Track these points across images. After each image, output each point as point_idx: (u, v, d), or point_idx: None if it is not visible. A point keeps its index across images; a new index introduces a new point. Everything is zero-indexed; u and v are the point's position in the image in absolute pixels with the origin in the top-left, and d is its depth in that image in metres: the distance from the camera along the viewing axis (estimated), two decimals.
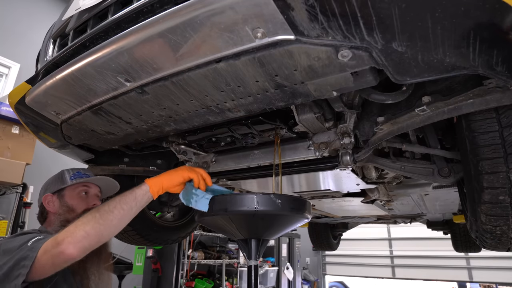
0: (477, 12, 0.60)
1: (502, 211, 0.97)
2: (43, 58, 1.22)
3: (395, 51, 0.70)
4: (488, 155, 0.92)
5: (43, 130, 1.40)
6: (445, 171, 1.24)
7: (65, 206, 1.24)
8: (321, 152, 1.35)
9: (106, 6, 0.96)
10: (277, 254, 6.34)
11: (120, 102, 1.06)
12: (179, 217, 2.30)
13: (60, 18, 1.21)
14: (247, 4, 0.67)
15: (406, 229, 7.93)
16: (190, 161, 1.67)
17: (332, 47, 0.73)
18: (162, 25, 0.76)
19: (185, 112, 1.09)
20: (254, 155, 1.53)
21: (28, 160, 3.20)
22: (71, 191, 1.27)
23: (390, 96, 1.00)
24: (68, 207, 1.24)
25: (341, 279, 9.39)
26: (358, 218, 3.37)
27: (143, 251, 4.37)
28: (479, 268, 7.26)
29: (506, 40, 0.63)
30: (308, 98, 0.94)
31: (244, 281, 5.22)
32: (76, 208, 1.24)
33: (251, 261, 1.13)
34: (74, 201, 1.25)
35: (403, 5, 0.61)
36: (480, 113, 0.92)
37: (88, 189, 1.31)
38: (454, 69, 0.72)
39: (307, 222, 1.21)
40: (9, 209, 3.22)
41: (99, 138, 1.36)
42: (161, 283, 4.17)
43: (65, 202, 1.25)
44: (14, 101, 1.24)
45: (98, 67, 0.92)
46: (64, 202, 1.24)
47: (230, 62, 0.82)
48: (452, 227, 3.75)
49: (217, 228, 1.23)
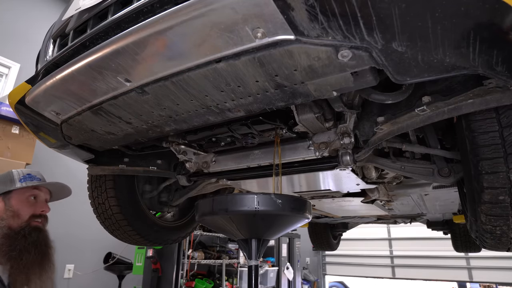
0: (477, 12, 0.60)
1: (502, 211, 0.97)
2: (43, 58, 1.22)
3: (395, 51, 0.70)
4: (488, 155, 0.92)
5: (43, 130, 1.40)
6: (445, 171, 1.24)
7: (10, 211, 1.14)
8: (321, 152, 1.35)
9: (106, 6, 0.96)
10: (277, 254, 6.34)
11: (120, 102, 1.06)
12: (179, 217, 2.30)
13: (60, 18, 1.21)
14: (247, 4, 0.67)
15: (406, 229, 7.93)
16: (190, 161, 1.67)
17: (332, 47, 0.73)
18: (162, 25, 0.76)
19: (185, 112, 1.09)
20: (254, 155, 1.53)
21: (28, 160, 3.20)
22: (19, 195, 1.18)
23: (390, 96, 1.01)
24: (14, 212, 1.14)
25: (341, 279, 9.39)
26: (358, 218, 3.37)
27: (143, 251, 4.36)
28: (479, 268, 7.26)
29: (506, 40, 0.63)
30: (308, 98, 0.94)
31: (244, 281, 5.22)
32: (22, 214, 1.16)
33: (251, 261, 1.13)
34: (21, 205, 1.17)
35: (403, 5, 0.61)
36: (480, 113, 0.92)
37: (37, 193, 1.22)
38: (454, 69, 0.72)
39: (307, 222, 1.21)
40: None
41: (99, 138, 1.36)
42: (161, 283, 4.17)
43: (11, 205, 1.15)
44: (14, 101, 1.24)
45: (98, 67, 0.92)
46: (10, 206, 1.15)
47: (230, 62, 0.82)
48: (452, 227, 3.75)
49: (217, 228, 1.23)
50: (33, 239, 1.14)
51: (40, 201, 1.23)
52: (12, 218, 1.14)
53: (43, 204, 1.24)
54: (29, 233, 1.15)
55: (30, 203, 1.20)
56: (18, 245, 1.10)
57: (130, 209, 1.86)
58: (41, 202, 1.24)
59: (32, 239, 1.14)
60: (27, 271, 1.09)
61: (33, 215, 1.18)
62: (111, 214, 1.81)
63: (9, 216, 1.14)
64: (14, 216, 1.15)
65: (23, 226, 1.15)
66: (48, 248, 1.21)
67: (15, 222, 1.14)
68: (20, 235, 1.12)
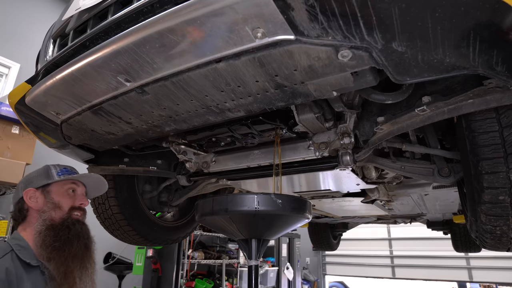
0: (477, 12, 0.60)
1: (502, 211, 0.97)
2: (43, 58, 1.22)
3: (395, 51, 0.70)
4: (488, 155, 0.92)
5: (43, 130, 1.40)
6: (445, 171, 1.24)
7: (51, 203, 1.15)
8: (321, 152, 1.35)
9: (106, 6, 0.96)
10: (277, 254, 6.34)
11: (120, 102, 1.06)
12: (179, 217, 2.31)
13: (60, 18, 1.21)
14: (247, 4, 0.67)
15: (406, 229, 7.92)
16: (190, 161, 1.67)
17: (332, 47, 0.73)
18: (162, 25, 0.76)
19: (185, 112, 1.09)
20: (254, 155, 1.53)
21: (28, 160, 3.20)
22: (58, 187, 1.19)
23: (390, 96, 1.00)
24: (55, 204, 1.15)
25: (341, 279, 9.39)
26: (358, 218, 3.37)
27: (143, 251, 4.36)
28: (479, 268, 7.26)
29: (506, 40, 0.63)
30: (308, 98, 0.94)
31: (244, 281, 5.21)
32: (63, 206, 1.17)
33: (251, 261, 1.13)
34: (61, 197, 1.17)
35: (403, 5, 0.61)
36: (480, 113, 0.92)
37: (76, 187, 1.24)
38: (454, 69, 0.72)
39: (307, 222, 1.21)
40: (9, 209, 3.22)
41: (99, 138, 1.36)
42: (161, 283, 4.17)
43: (51, 198, 1.16)
44: (14, 101, 1.24)
45: (98, 67, 0.92)
46: (50, 199, 1.16)
47: (230, 62, 0.82)
48: (452, 227, 3.75)
49: (217, 228, 1.23)
50: (76, 231, 1.15)
51: (78, 194, 1.24)
52: (53, 211, 1.15)
53: (82, 197, 1.25)
54: (72, 224, 1.16)
55: (70, 195, 1.21)
56: (62, 236, 1.11)
57: (130, 209, 1.86)
58: (79, 195, 1.24)
59: (76, 231, 1.15)
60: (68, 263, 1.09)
61: (72, 207, 1.19)
62: (111, 214, 1.81)
63: (50, 208, 1.15)
64: (55, 208, 1.16)
65: (65, 217, 1.16)
66: (90, 242, 1.22)
67: (56, 214, 1.15)
68: (64, 226, 1.13)
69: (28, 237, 1.11)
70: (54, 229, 1.11)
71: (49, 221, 1.12)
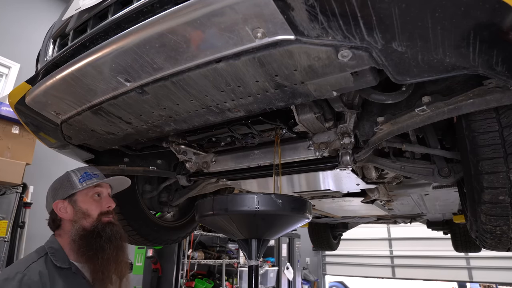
0: (477, 12, 0.60)
1: (502, 211, 0.97)
2: (43, 58, 1.22)
3: (395, 51, 0.70)
4: (488, 155, 0.92)
5: (43, 130, 1.40)
6: (445, 171, 1.24)
7: (80, 212, 1.16)
8: (321, 152, 1.35)
9: (106, 6, 0.96)
10: (277, 254, 6.34)
11: (120, 102, 1.06)
12: (179, 217, 2.31)
13: (60, 18, 1.21)
14: (247, 4, 0.67)
15: (406, 229, 7.92)
16: (190, 161, 1.67)
17: (332, 47, 0.73)
18: (162, 25, 0.76)
19: (185, 112, 1.09)
20: (254, 155, 1.53)
21: (28, 160, 3.20)
22: (83, 196, 1.19)
23: (390, 96, 1.00)
24: (84, 213, 1.16)
25: (341, 279, 9.39)
26: (358, 218, 3.37)
27: (143, 251, 4.37)
28: (479, 268, 7.26)
29: (506, 40, 0.63)
30: (308, 98, 0.94)
31: (244, 281, 5.21)
32: (92, 213, 1.17)
33: (251, 261, 1.13)
34: (89, 205, 1.18)
35: (403, 5, 0.61)
36: (480, 113, 0.92)
37: (100, 191, 1.23)
38: (454, 69, 0.72)
39: (307, 222, 1.21)
40: (9, 209, 3.22)
41: (99, 138, 1.36)
42: (161, 283, 4.17)
43: (79, 208, 1.17)
44: (14, 101, 1.24)
45: (98, 67, 0.92)
46: (78, 208, 1.17)
47: (230, 62, 0.82)
48: (452, 227, 3.75)
49: (217, 228, 1.23)
50: (108, 235, 1.16)
51: (104, 197, 1.24)
52: (84, 219, 1.16)
53: (108, 199, 1.25)
54: (103, 229, 1.16)
55: (96, 201, 1.21)
56: (94, 244, 1.12)
57: (130, 209, 1.86)
58: (105, 198, 1.24)
59: (107, 235, 1.16)
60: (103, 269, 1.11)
61: (101, 212, 1.19)
62: None
63: (80, 217, 1.16)
64: (85, 217, 1.16)
65: (95, 224, 1.17)
66: (122, 241, 1.22)
67: (87, 222, 1.16)
68: (95, 233, 1.14)
69: (63, 243, 1.14)
70: (86, 238, 1.13)
71: (81, 230, 1.14)
